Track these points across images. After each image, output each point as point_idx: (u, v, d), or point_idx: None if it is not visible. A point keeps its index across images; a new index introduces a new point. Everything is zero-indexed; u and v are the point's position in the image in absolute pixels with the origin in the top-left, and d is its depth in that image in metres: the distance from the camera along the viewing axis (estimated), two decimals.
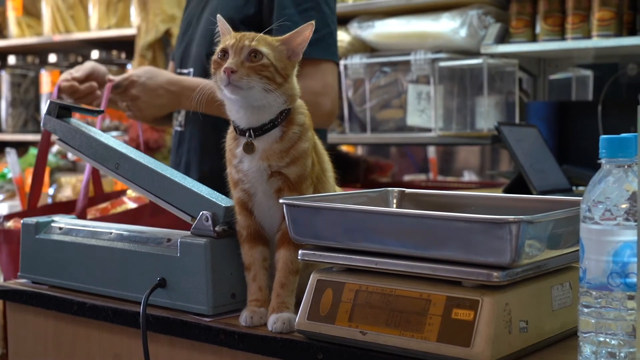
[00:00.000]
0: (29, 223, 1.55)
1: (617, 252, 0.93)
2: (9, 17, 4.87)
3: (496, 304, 0.99)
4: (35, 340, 1.54)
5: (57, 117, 1.51)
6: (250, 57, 1.19)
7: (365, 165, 3.86)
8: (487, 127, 2.99)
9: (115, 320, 1.38)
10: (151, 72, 1.94)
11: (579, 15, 2.80)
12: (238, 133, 1.24)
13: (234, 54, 1.19)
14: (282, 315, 1.18)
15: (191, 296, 1.29)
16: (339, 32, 3.32)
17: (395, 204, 1.35)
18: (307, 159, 1.24)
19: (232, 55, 1.19)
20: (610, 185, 0.94)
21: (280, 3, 1.93)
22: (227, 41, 1.21)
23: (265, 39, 1.22)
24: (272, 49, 1.21)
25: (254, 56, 1.19)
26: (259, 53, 1.19)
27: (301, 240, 1.16)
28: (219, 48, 1.23)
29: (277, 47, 1.22)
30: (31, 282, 1.56)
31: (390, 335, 1.05)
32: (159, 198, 1.37)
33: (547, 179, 2.39)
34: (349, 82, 3.31)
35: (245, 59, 1.19)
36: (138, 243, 1.40)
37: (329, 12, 1.98)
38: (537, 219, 0.99)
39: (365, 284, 1.09)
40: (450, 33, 2.99)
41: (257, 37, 1.21)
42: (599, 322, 0.95)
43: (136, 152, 1.44)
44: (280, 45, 1.22)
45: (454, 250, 1.01)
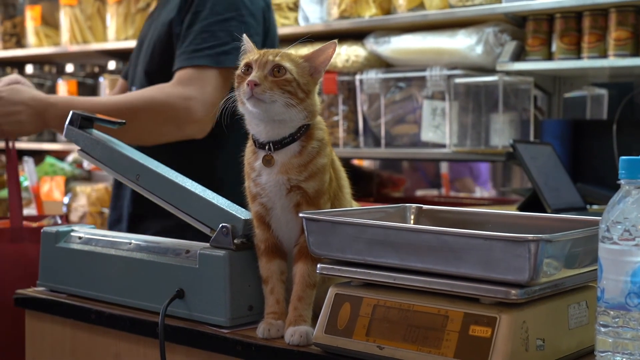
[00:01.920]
0: (49, 232, 1.57)
1: (636, 272, 0.94)
2: (28, 26, 4.91)
3: (514, 321, 1.00)
4: (53, 348, 1.56)
5: (79, 128, 1.53)
6: (273, 72, 1.21)
7: (378, 180, 3.88)
8: (502, 144, 2.99)
9: (133, 330, 1.39)
10: (16, 88, 1.90)
11: (595, 35, 2.81)
12: (257, 146, 1.25)
13: (257, 68, 1.21)
14: (300, 329, 1.19)
15: (209, 307, 1.30)
16: (355, 47, 3.34)
17: (412, 220, 1.36)
18: (325, 174, 1.25)
19: (255, 69, 1.21)
20: (629, 205, 0.95)
21: (200, 15, 1.93)
22: (251, 56, 1.24)
23: (288, 55, 1.24)
24: (295, 64, 1.23)
25: (277, 71, 1.21)
26: (282, 68, 1.21)
27: (320, 254, 1.17)
28: (243, 63, 1.25)
29: (300, 64, 1.24)
30: (50, 291, 1.57)
31: (407, 351, 1.05)
32: (179, 210, 1.39)
33: (562, 197, 2.40)
34: (364, 97, 3.33)
35: (268, 73, 1.21)
36: (157, 254, 1.41)
37: (253, 23, 1.96)
38: (556, 238, 1.00)
39: (384, 299, 1.10)
40: (466, 50, 3.00)
41: (281, 53, 1.23)
42: (616, 342, 0.95)
43: (157, 164, 1.46)
44: (303, 62, 1.24)
45: (472, 267, 1.02)
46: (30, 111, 1.87)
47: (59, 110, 1.85)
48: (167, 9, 2.04)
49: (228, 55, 1.89)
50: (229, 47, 1.90)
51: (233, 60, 1.89)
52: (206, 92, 1.88)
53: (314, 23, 3.50)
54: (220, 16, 1.93)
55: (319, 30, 3.48)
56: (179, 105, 1.86)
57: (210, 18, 1.93)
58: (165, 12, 2.05)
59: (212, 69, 1.90)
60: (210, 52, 1.90)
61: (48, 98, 1.91)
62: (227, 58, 1.90)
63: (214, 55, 1.90)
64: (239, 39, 1.92)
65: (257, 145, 1.25)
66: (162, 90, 1.90)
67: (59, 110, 1.86)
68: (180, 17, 1.97)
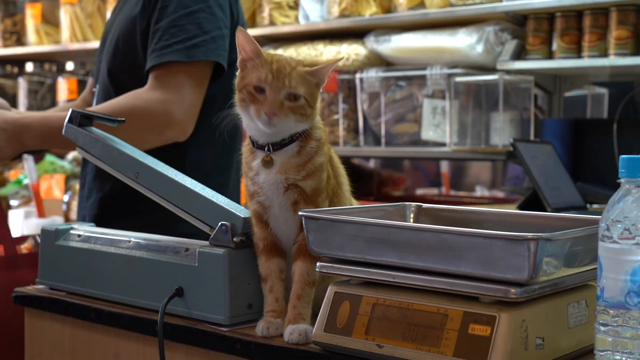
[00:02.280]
0: (49, 230, 1.57)
1: (635, 271, 0.93)
2: (28, 24, 4.91)
3: (513, 320, 1.00)
4: (52, 346, 1.56)
5: (78, 126, 1.53)
6: (289, 97, 1.20)
7: (378, 178, 3.88)
8: (502, 142, 2.99)
9: (132, 328, 1.39)
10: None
11: (596, 34, 2.80)
12: (255, 147, 1.25)
13: (272, 92, 1.19)
14: (299, 327, 1.19)
15: (208, 306, 1.30)
16: (355, 45, 3.34)
17: (412, 219, 1.36)
18: (323, 173, 1.25)
19: (270, 94, 1.19)
20: (629, 204, 0.95)
21: (167, 10, 1.87)
22: (263, 75, 1.20)
23: (300, 75, 1.21)
24: (305, 84, 1.21)
25: (293, 97, 1.20)
26: (297, 95, 1.20)
27: (319, 253, 1.17)
28: (254, 80, 1.20)
29: (309, 81, 1.22)
30: (49, 289, 1.57)
31: (406, 349, 1.05)
32: (178, 208, 1.39)
33: (562, 196, 2.40)
34: (364, 96, 3.33)
35: (284, 98, 1.20)
36: (156, 252, 1.41)
37: (222, 15, 1.90)
38: (556, 237, 1.00)
39: (383, 298, 1.10)
40: (467, 49, 3.00)
41: (294, 76, 1.20)
42: (616, 341, 0.95)
43: (156, 162, 1.46)
44: (310, 76, 1.22)
45: (472, 265, 1.02)
46: (5, 136, 1.79)
47: (35, 131, 1.80)
48: (131, 2, 1.97)
49: (199, 47, 1.85)
50: (199, 39, 1.85)
51: (205, 53, 1.85)
52: (183, 93, 1.83)
53: (314, 21, 3.49)
54: (188, 9, 1.87)
55: (320, 28, 3.47)
56: (158, 110, 1.81)
57: (177, 12, 1.87)
58: (128, 7, 1.98)
59: (185, 65, 1.84)
60: (180, 47, 1.84)
61: (22, 119, 1.82)
62: (198, 51, 1.84)
63: (184, 50, 1.84)
64: (209, 31, 1.87)
65: (255, 145, 1.25)
66: (139, 97, 1.84)
67: (34, 131, 1.80)
68: (144, 14, 1.91)
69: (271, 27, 3.64)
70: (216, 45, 1.87)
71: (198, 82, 1.87)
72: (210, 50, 1.86)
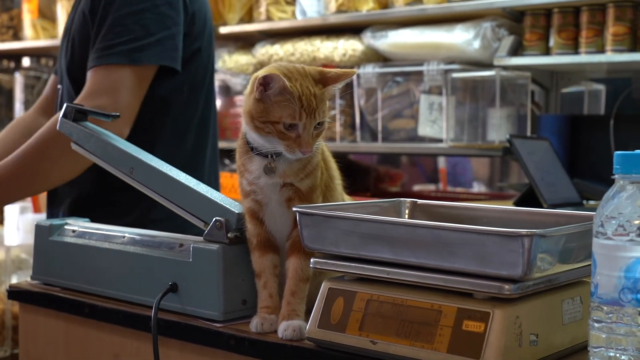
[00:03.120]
0: (43, 225, 1.57)
1: (629, 267, 0.93)
2: (24, 19, 4.90)
3: (507, 316, 0.99)
4: (47, 341, 1.55)
5: (73, 121, 1.52)
6: (315, 126, 1.19)
7: (375, 174, 3.88)
8: (499, 139, 2.99)
9: (126, 323, 1.39)
10: None
11: (593, 30, 2.80)
12: (254, 152, 1.23)
13: (306, 131, 1.17)
14: (293, 323, 1.19)
15: (202, 301, 1.30)
16: (352, 41, 3.33)
17: (407, 215, 1.35)
18: (318, 171, 1.25)
19: (303, 132, 1.17)
20: (624, 201, 0.95)
21: (112, 6, 1.81)
22: (296, 114, 1.16)
23: (323, 101, 1.19)
24: (325, 105, 1.20)
25: (319, 124, 1.19)
26: (322, 122, 1.20)
27: (313, 249, 1.17)
28: (286, 118, 1.16)
29: (326, 102, 1.21)
30: (43, 284, 1.57)
31: (400, 346, 1.05)
32: (173, 203, 1.38)
33: (558, 192, 2.40)
34: (361, 91, 3.32)
35: (313, 131, 1.18)
36: (150, 247, 1.41)
37: (171, 13, 1.82)
38: (550, 233, 1.00)
39: (377, 294, 1.10)
40: (464, 44, 2.99)
41: (320, 106, 1.18)
42: (610, 337, 0.95)
43: (151, 157, 1.45)
44: (327, 96, 1.21)
45: (466, 262, 1.02)
46: None
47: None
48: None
49: (143, 51, 1.79)
50: (144, 42, 1.79)
51: (149, 57, 1.78)
52: (118, 97, 1.76)
53: (311, 17, 3.49)
54: (133, 7, 1.79)
55: (317, 24, 3.47)
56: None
57: (122, 10, 1.80)
58: (83, 2, 1.91)
59: (125, 67, 1.78)
60: (123, 49, 1.78)
61: None
62: (142, 55, 1.78)
63: (127, 52, 1.78)
64: (154, 32, 1.79)
65: (254, 151, 1.23)
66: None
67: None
68: (93, 10, 1.84)
69: (268, 22, 3.63)
70: (162, 47, 1.81)
71: (137, 84, 1.80)
72: (153, 53, 1.80)
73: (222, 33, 3.74)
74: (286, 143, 1.17)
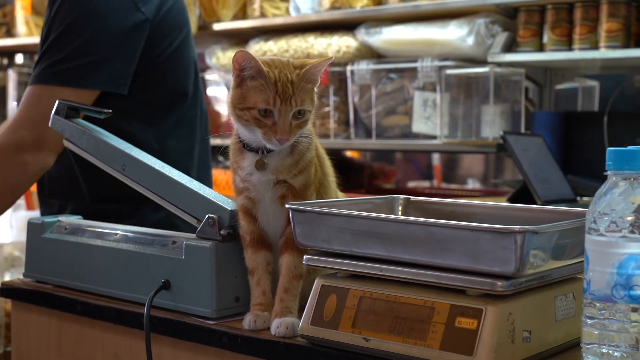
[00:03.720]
0: (36, 222, 1.56)
1: (622, 264, 0.93)
2: (17, 16, 4.88)
3: (500, 313, 0.99)
4: (39, 339, 1.55)
5: (65, 117, 1.51)
6: (295, 116, 1.18)
7: (369, 171, 3.87)
8: (493, 135, 2.99)
9: (118, 321, 1.39)
10: None
11: (587, 26, 2.80)
12: (246, 149, 1.23)
13: (282, 118, 1.16)
14: (286, 320, 1.19)
15: (195, 299, 1.29)
16: (346, 37, 3.32)
17: (400, 212, 1.35)
18: (312, 167, 1.25)
19: (280, 119, 1.16)
20: (616, 197, 0.94)
21: (56, 19, 1.77)
22: (270, 99, 1.16)
23: (303, 88, 1.18)
24: (307, 95, 1.19)
25: (299, 113, 1.18)
26: (303, 111, 1.18)
27: (306, 245, 1.17)
28: (260, 104, 1.16)
29: (308, 90, 1.19)
30: (36, 281, 1.56)
31: (393, 342, 1.05)
32: (165, 200, 1.38)
33: (552, 188, 2.40)
34: (355, 88, 3.32)
35: (291, 119, 1.17)
36: (143, 244, 1.40)
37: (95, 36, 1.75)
38: (543, 230, 1.00)
39: (370, 291, 1.10)
40: (458, 41, 2.99)
41: (298, 93, 1.17)
42: (602, 334, 0.95)
43: (144, 154, 1.45)
44: (305, 83, 1.19)
45: (458, 258, 1.01)
46: None
47: None
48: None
49: (88, 73, 1.74)
50: (89, 62, 1.74)
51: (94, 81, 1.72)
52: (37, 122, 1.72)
53: (305, 13, 3.48)
54: (77, 23, 1.75)
55: (310, 20, 3.46)
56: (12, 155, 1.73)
57: (59, 29, 1.76)
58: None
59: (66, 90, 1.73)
60: (65, 67, 1.74)
61: None
62: (86, 78, 1.74)
63: (71, 73, 1.74)
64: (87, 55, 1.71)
65: (245, 147, 1.23)
66: None
67: None
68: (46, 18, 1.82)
69: (262, 19, 3.62)
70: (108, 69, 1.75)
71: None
72: (99, 77, 1.74)
73: (215, 29, 3.73)
74: (263, 130, 1.17)
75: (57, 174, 1.89)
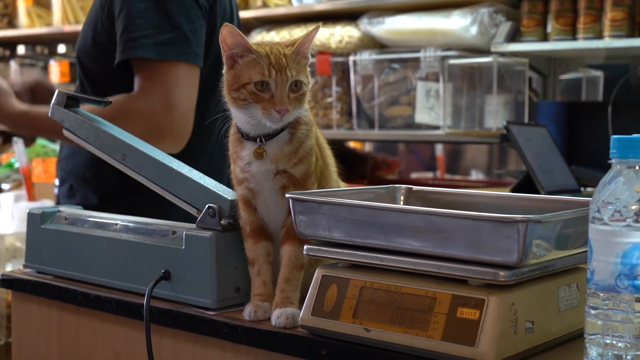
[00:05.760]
0: (35, 212, 1.55)
1: (626, 253, 0.92)
2: (19, 7, 4.86)
3: (502, 303, 0.98)
4: (39, 330, 1.54)
5: (65, 107, 1.50)
6: (291, 87, 1.17)
7: (372, 162, 3.86)
8: (496, 125, 2.97)
9: (119, 311, 1.38)
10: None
11: (591, 15, 2.78)
12: (244, 138, 1.22)
13: (279, 88, 1.15)
14: (286, 310, 1.18)
15: (195, 289, 1.29)
16: (349, 27, 3.31)
17: (402, 201, 1.34)
18: (312, 156, 1.23)
19: (277, 90, 1.15)
20: (620, 186, 0.93)
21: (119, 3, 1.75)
22: (265, 70, 1.15)
23: (297, 62, 1.17)
24: (301, 68, 1.18)
25: (295, 85, 1.17)
26: (299, 82, 1.17)
27: (307, 235, 1.16)
28: (255, 77, 1.15)
29: (302, 63, 1.19)
30: (36, 272, 1.55)
31: (394, 333, 1.04)
32: (165, 190, 1.37)
33: (555, 179, 2.38)
34: (357, 78, 3.30)
35: (289, 91, 1.16)
36: (143, 235, 1.39)
37: (176, 9, 1.74)
38: (545, 219, 0.98)
39: (371, 281, 1.09)
40: (461, 31, 2.97)
41: (292, 64, 1.16)
42: (606, 324, 0.94)
43: (143, 144, 1.43)
44: (300, 58, 1.18)
45: (460, 248, 1.00)
46: (14, 125, 1.92)
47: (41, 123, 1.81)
48: None
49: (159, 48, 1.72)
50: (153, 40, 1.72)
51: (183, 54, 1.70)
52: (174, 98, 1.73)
53: (307, 3, 3.46)
54: (136, 5, 1.73)
55: (313, 10, 3.45)
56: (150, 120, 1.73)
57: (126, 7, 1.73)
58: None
59: (181, 64, 1.73)
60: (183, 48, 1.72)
61: (29, 113, 1.86)
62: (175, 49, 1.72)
63: (185, 53, 1.73)
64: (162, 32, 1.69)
65: (244, 136, 1.22)
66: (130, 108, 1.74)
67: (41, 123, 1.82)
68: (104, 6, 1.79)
69: (264, 9, 3.61)
70: (173, 46, 1.73)
71: (190, 83, 1.75)
72: (171, 51, 1.73)
73: None
74: (261, 105, 1.16)
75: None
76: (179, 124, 1.73)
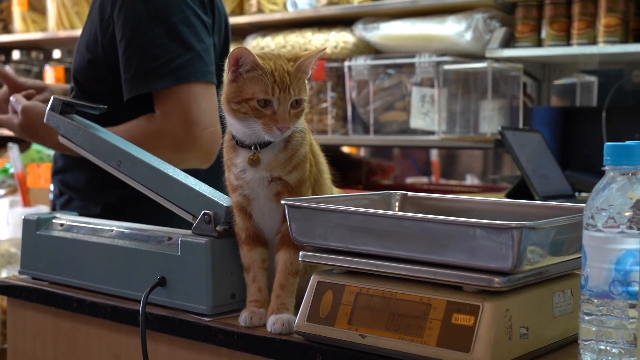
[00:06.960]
0: (30, 219, 1.55)
1: (620, 260, 0.92)
2: (14, 12, 4.87)
3: (497, 309, 0.99)
4: (35, 336, 1.54)
5: (60, 114, 1.51)
6: (292, 104, 1.18)
7: (367, 167, 3.86)
8: (491, 131, 2.98)
9: (114, 318, 1.38)
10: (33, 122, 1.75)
11: (585, 21, 2.79)
12: (239, 146, 1.22)
13: (281, 106, 1.16)
14: (282, 317, 1.18)
15: (191, 295, 1.29)
16: (344, 33, 3.31)
17: (397, 207, 1.34)
18: (307, 163, 1.24)
19: (279, 108, 1.16)
20: (614, 192, 0.94)
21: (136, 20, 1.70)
22: (269, 88, 1.16)
23: (299, 80, 1.18)
24: (302, 85, 1.19)
25: (296, 102, 1.18)
26: (300, 100, 1.19)
27: (302, 242, 1.16)
28: (258, 94, 1.16)
29: (303, 80, 1.20)
30: (31, 278, 1.55)
31: (389, 339, 1.04)
32: (161, 196, 1.37)
33: (550, 184, 2.39)
34: (352, 84, 3.31)
35: (290, 108, 1.17)
36: (139, 241, 1.39)
37: (186, 30, 1.71)
38: (540, 225, 0.99)
39: (366, 287, 1.09)
40: (456, 36, 2.98)
41: (294, 82, 1.17)
42: (600, 330, 0.94)
43: (139, 150, 1.44)
44: (301, 73, 1.19)
45: (455, 254, 1.01)
46: (42, 142, 1.87)
47: None
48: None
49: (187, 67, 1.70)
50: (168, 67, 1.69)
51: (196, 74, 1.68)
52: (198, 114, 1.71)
53: (302, 9, 3.47)
54: (146, 36, 1.69)
55: (308, 16, 3.45)
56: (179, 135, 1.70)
57: (151, 29, 1.69)
58: (97, 5, 1.81)
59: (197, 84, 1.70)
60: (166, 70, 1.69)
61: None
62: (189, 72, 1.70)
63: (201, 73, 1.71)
64: (177, 57, 1.67)
65: (238, 144, 1.23)
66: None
67: None
68: (104, 21, 1.76)
69: (259, 14, 3.62)
70: (186, 70, 1.71)
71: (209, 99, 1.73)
72: (182, 75, 1.70)
73: None
74: (262, 121, 1.16)
75: None
76: (202, 139, 1.71)
